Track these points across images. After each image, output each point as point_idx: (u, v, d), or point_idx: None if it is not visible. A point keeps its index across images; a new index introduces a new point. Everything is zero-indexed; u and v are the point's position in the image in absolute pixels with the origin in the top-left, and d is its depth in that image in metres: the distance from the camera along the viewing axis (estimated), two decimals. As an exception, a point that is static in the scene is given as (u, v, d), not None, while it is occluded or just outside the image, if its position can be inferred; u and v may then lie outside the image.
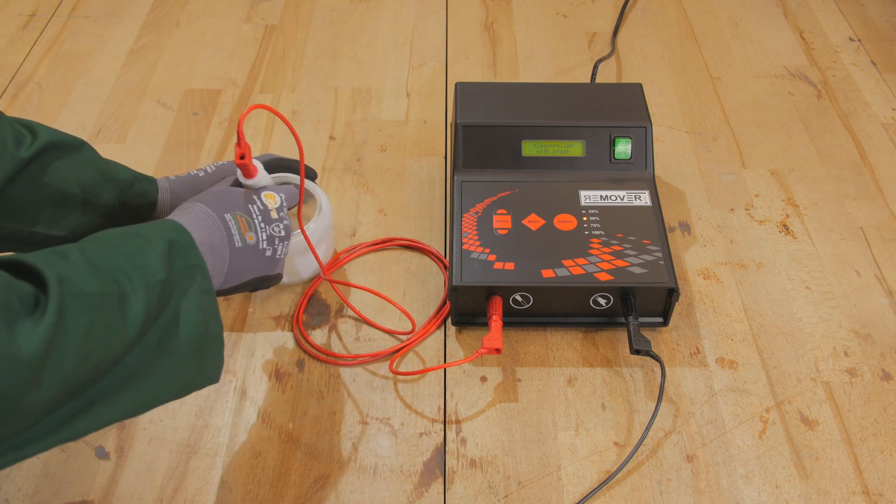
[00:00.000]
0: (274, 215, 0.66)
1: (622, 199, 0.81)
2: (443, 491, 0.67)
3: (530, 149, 0.83)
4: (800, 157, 0.97)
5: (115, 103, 1.05)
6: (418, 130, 1.01)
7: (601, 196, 0.81)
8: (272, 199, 0.66)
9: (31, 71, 1.10)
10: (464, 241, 0.77)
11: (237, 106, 1.04)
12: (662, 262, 0.75)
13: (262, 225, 0.64)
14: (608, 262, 0.75)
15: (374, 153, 0.97)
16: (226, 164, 0.77)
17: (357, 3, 1.23)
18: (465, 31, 1.17)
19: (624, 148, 0.83)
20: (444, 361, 0.76)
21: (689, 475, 0.68)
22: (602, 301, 0.75)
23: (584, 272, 0.74)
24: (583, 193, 0.81)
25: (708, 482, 0.67)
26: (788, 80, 1.09)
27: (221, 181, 0.70)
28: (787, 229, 0.88)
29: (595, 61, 1.10)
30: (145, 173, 0.73)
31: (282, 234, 0.66)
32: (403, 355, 0.77)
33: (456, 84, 0.89)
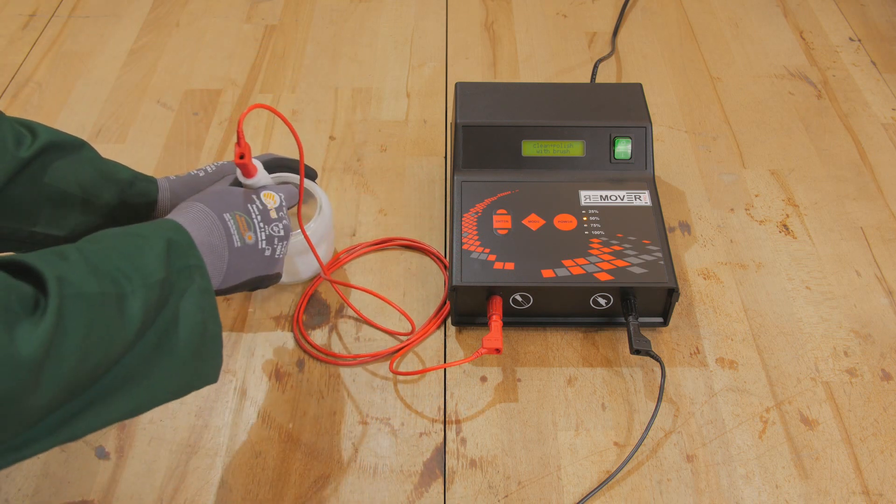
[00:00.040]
0: (273, 215, 0.66)
1: (622, 199, 0.81)
2: (443, 491, 0.67)
3: (530, 149, 0.83)
4: (800, 157, 0.97)
5: (115, 103, 1.05)
6: (418, 130, 1.01)
7: (601, 196, 0.81)
8: (271, 199, 0.66)
9: (31, 71, 1.10)
10: (464, 241, 0.77)
11: (237, 106, 1.04)
12: (662, 262, 0.75)
13: (261, 225, 0.64)
14: (608, 262, 0.75)
15: (374, 153, 0.97)
16: (226, 163, 0.77)
17: (357, 3, 1.23)
18: (465, 31, 1.17)
19: (624, 148, 0.83)
20: (444, 361, 0.76)
21: (689, 475, 0.68)
22: (602, 301, 0.75)
23: (584, 272, 0.74)
24: (583, 193, 0.81)
25: (708, 482, 0.67)
26: (788, 80, 1.08)
27: (221, 180, 0.70)
28: (787, 229, 0.88)
29: (595, 61, 1.10)
30: (145, 173, 0.73)
31: (281, 233, 0.66)
32: (403, 355, 0.77)
33: (456, 84, 0.89)
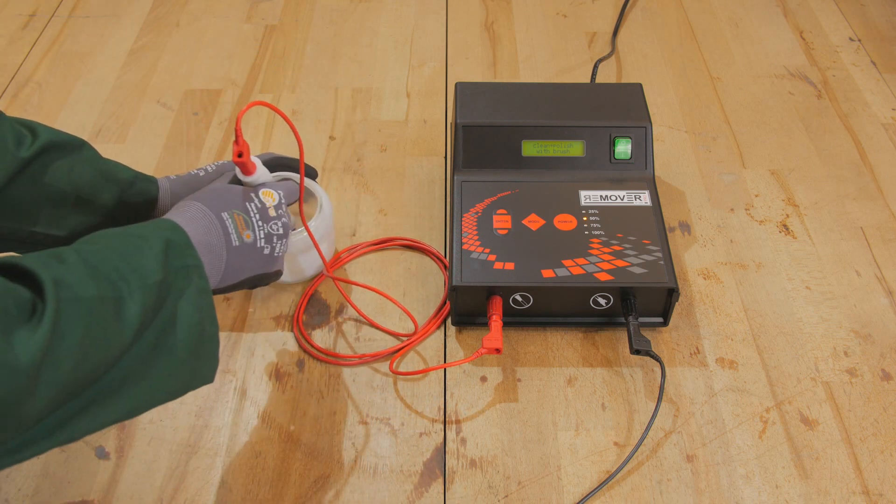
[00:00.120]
0: (272, 213, 0.65)
1: (622, 199, 0.81)
2: (443, 491, 0.67)
3: (530, 149, 0.83)
4: (800, 157, 0.97)
5: (115, 103, 1.05)
6: (418, 130, 1.01)
7: (601, 196, 0.81)
8: (270, 197, 0.66)
9: (31, 71, 1.10)
10: (464, 241, 0.77)
11: (237, 106, 1.04)
12: (662, 262, 0.75)
13: (259, 223, 0.64)
14: (608, 262, 0.75)
15: (374, 153, 0.97)
16: (226, 163, 0.77)
17: (357, 3, 1.23)
18: (465, 31, 1.17)
19: (624, 148, 0.83)
20: (444, 361, 0.76)
21: (689, 475, 0.68)
22: (602, 301, 0.75)
23: (584, 272, 0.74)
24: (583, 193, 0.81)
25: (708, 482, 0.67)
26: (788, 80, 1.08)
27: (220, 178, 0.70)
28: (787, 229, 0.88)
29: (595, 61, 1.10)
30: (145, 173, 0.73)
31: (280, 231, 0.66)
32: (403, 355, 0.77)
33: (456, 84, 0.89)
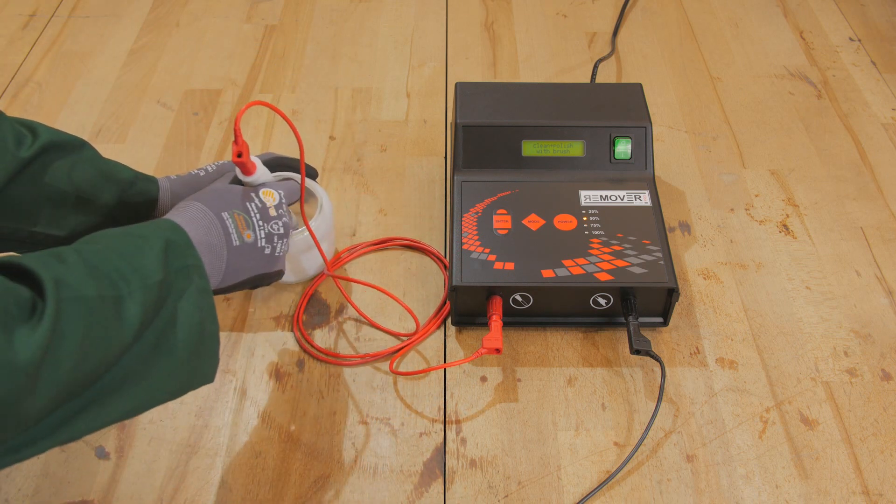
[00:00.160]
0: (272, 213, 0.65)
1: (622, 199, 0.81)
2: (443, 491, 0.67)
3: (530, 149, 0.83)
4: (800, 157, 0.97)
5: (115, 103, 1.05)
6: (418, 130, 1.01)
7: (601, 196, 0.81)
8: (271, 197, 0.66)
9: (31, 71, 1.10)
10: (464, 241, 0.77)
11: (237, 106, 1.04)
12: (662, 262, 0.75)
13: (260, 223, 0.64)
14: (608, 262, 0.75)
15: (374, 153, 0.97)
16: (226, 163, 0.77)
17: (357, 3, 1.23)
18: (465, 31, 1.17)
19: (624, 148, 0.83)
20: (444, 361, 0.76)
21: (689, 475, 0.68)
22: (602, 301, 0.75)
23: (584, 272, 0.74)
24: (583, 193, 0.81)
25: (708, 482, 0.67)
26: (788, 80, 1.08)
27: (220, 179, 0.70)
28: (787, 229, 0.88)
29: (595, 61, 1.10)
30: (146, 173, 0.73)
31: (280, 231, 0.66)
32: (403, 355, 0.77)
33: (456, 84, 0.89)
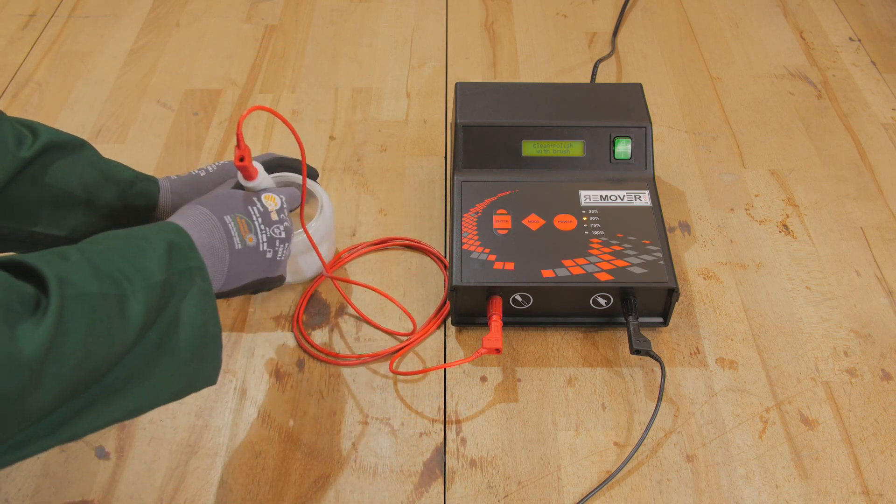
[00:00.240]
0: (274, 217, 0.66)
1: (622, 199, 0.81)
2: (443, 491, 0.67)
3: (530, 149, 0.83)
4: (800, 157, 0.97)
5: (115, 103, 1.05)
6: (418, 130, 1.01)
7: (601, 196, 0.81)
8: (272, 202, 0.66)
9: (31, 71, 1.10)
10: (464, 241, 0.77)
11: (237, 106, 1.04)
12: (662, 262, 0.75)
13: (262, 227, 0.64)
14: (608, 262, 0.75)
15: (374, 153, 0.97)
16: (227, 163, 0.77)
17: (357, 3, 1.23)
18: (465, 31, 1.17)
19: (624, 148, 0.83)
20: (444, 361, 0.76)
21: (689, 475, 0.68)
22: (602, 301, 0.75)
23: (584, 272, 0.74)
24: (583, 193, 0.81)
25: (708, 482, 0.67)
26: (788, 80, 1.09)
27: (223, 184, 0.70)
28: (787, 229, 0.88)
29: (595, 61, 1.10)
30: (146, 173, 0.73)
31: (282, 235, 0.66)
32: (403, 355, 0.77)
33: (456, 84, 0.89)
